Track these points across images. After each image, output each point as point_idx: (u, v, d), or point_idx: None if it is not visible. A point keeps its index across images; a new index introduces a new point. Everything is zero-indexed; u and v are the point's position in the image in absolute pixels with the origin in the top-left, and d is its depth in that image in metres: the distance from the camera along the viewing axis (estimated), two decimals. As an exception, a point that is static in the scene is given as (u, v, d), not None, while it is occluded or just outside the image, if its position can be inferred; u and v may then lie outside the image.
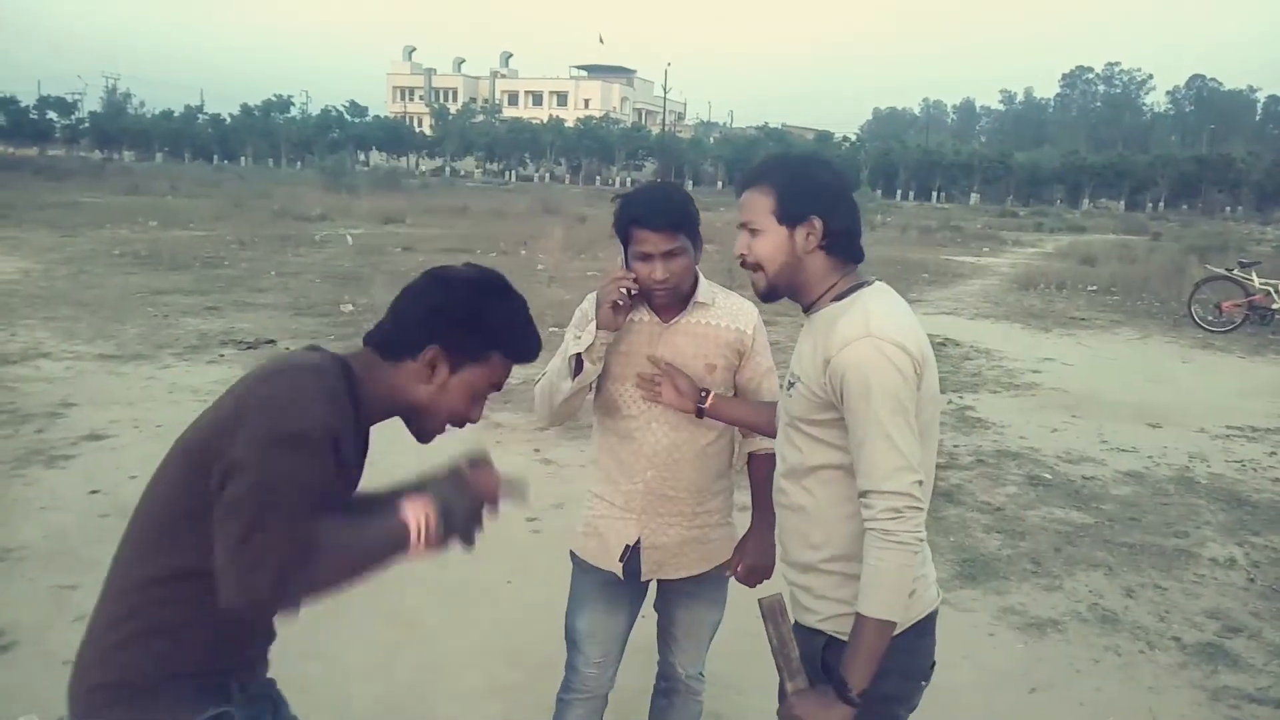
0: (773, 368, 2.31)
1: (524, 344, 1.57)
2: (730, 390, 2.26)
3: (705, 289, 2.24)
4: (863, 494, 1.63)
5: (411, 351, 1.48)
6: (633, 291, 2.12)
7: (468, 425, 1.59)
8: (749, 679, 3.27)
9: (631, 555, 2.26)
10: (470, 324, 1.50)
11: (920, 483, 1.61)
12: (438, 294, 1.51)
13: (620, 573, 2.27)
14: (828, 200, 1.74)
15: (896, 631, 1.64)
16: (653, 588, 2.39)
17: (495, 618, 3.71)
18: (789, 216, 1.73)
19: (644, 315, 2.22)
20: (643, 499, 2.23)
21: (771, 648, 1.78)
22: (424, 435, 1.57)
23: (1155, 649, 3.65)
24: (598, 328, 2.11)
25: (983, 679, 3.35)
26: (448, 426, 1.57)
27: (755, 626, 3.95)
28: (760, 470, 2.32)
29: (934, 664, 1.83)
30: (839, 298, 1.74)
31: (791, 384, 1.79)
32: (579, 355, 2.13)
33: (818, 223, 1.73)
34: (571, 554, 2.38)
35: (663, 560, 2.28)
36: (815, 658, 1.78)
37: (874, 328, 1.63)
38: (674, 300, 2.19)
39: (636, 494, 2.24)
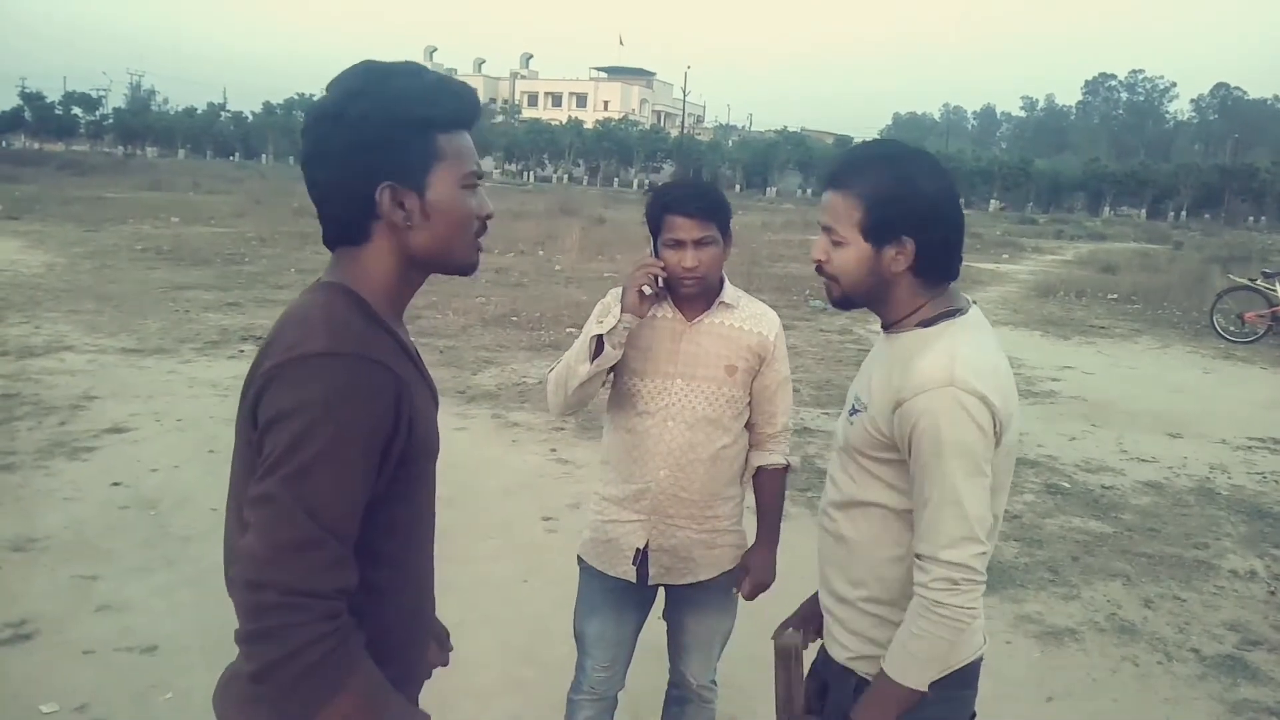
0: (789, 378, 2.30)
1: (452, 101, 1.25)
2: (747, 393, 2.25)
3: (730, 291, 2.25)
4: (919, 556, 1.49)
5: (369, 211, 1.22)
6: (661, 279, 2.11)
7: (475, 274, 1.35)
8: (763, 682, 3.26)
9: (640, 559, 2.25)
10: (388, 132, 1.20)
11: (984, 554, 1.47)
12: (337, 136, 1.21)
13: (634, 577, 2.26)
14: (923, 217, 1.51)
15: (935, 678, 1.53)
16: (661, 594, 2.38)
17: (511, 616, 3.72)
18: (877, 234, 1.52)
19: (668, 312, 2.21)
20: (654, 499, 2.21)
21: (776, 691, 1.67)
22: (465, 266, 1.32)
23: (1174, 660, 3.63)
24: (623, 311, 2.09)
25: (999, 688, 3.33)
26: (476, 236, 1.32)
27: (768, 631, 3.94)
28: (766, 486, 2.33)
29: (974, 715, 1.70)
30: (925, 323, 1.55)
31: (855, 410, 1.63)
32: (599, 339, 2.11)
33: (909, 245, 1.52)
34: (579, 559, 2.37)
35: (670, 565, 2.26)
36: (846, 700, 1.67)
37: (958, 375, 1.45)
38: (701, 293, 2.19)
39: (648, 493, 2.21)
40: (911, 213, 1.52)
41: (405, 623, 1.33)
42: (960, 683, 1.62)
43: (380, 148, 1.20)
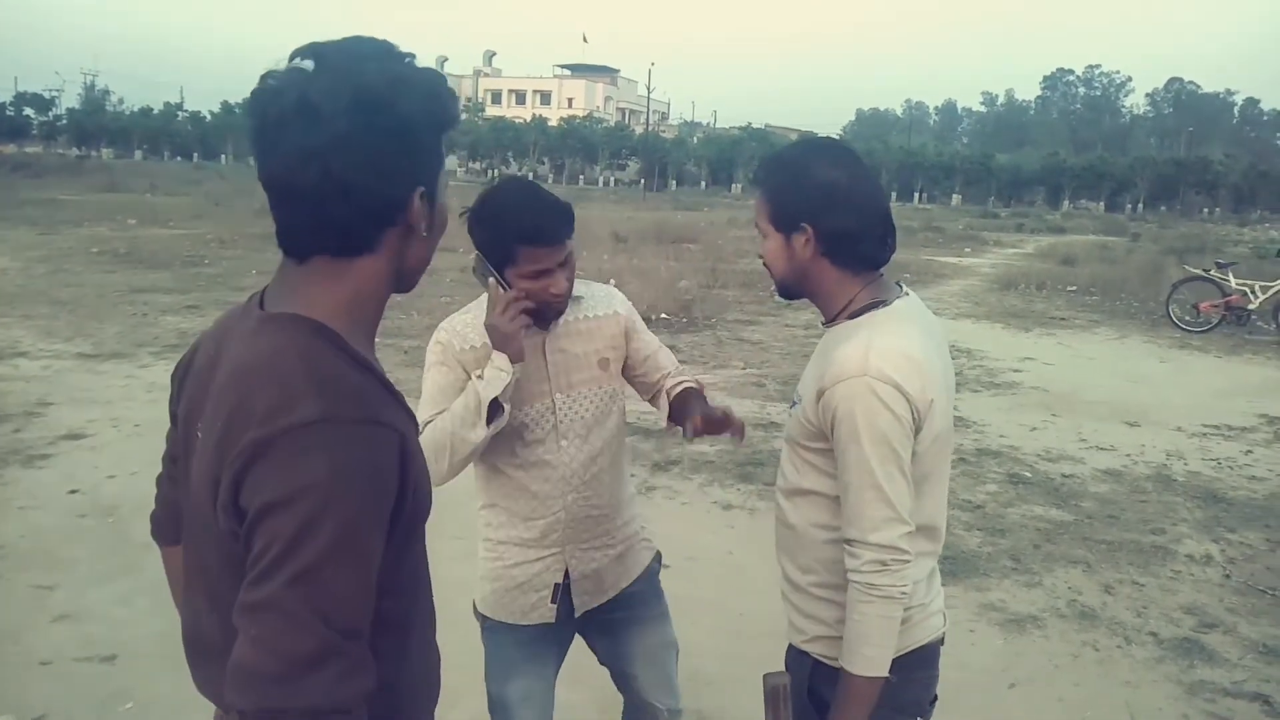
0: (659, 343, 2.16)
1: (457, 102, 1.13)
2: (623, 384, 2.11)
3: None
4: (848, 542, 1.55)
5: (392, 216, 1.06)
6: (529, 310, 1.86)
7: None
8: (731, 676, 3.28)
9: (558, 595, 2.03)
10: (431, 134, 1.08)
11: (910, 534, 1.52)
12: (382, 128, 1.01)
13: (554, 617, 2.03)
14: (819, 203, 1.59)
15: (891, 659, 1.56)
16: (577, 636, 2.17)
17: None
18: (783, 223, 1.63)
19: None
20: (564, 528, 2.00)
21: None
22: (413, 284, 1.18)
23: (1133, 644, 3.69)
24: (512, 361, 1.82)
25: (963, 675, 3.38)
26: None
27: (736, 625, 3.97)
28: (690, 398, 2.08)
29: (935, 699, 1.74)
30: (852, 315, 1.62)
31: (794, 403, 1.71)
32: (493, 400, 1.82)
33: (809, 230, 1.60)
34: (481, 617, 2.10)
35: (593, 589, 2.07)
36: (803, 682, 1.72)
37: (871, 364, 1.50)
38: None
39: (558, 524, 1.99)
40: (805, 200, 1.61)
41: (414, 684, 1.19)
42: (919, 664, 1.66)
43: (424, 148, 1.07)
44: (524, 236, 1.83)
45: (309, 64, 1.02)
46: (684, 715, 2.45)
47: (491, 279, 1.85)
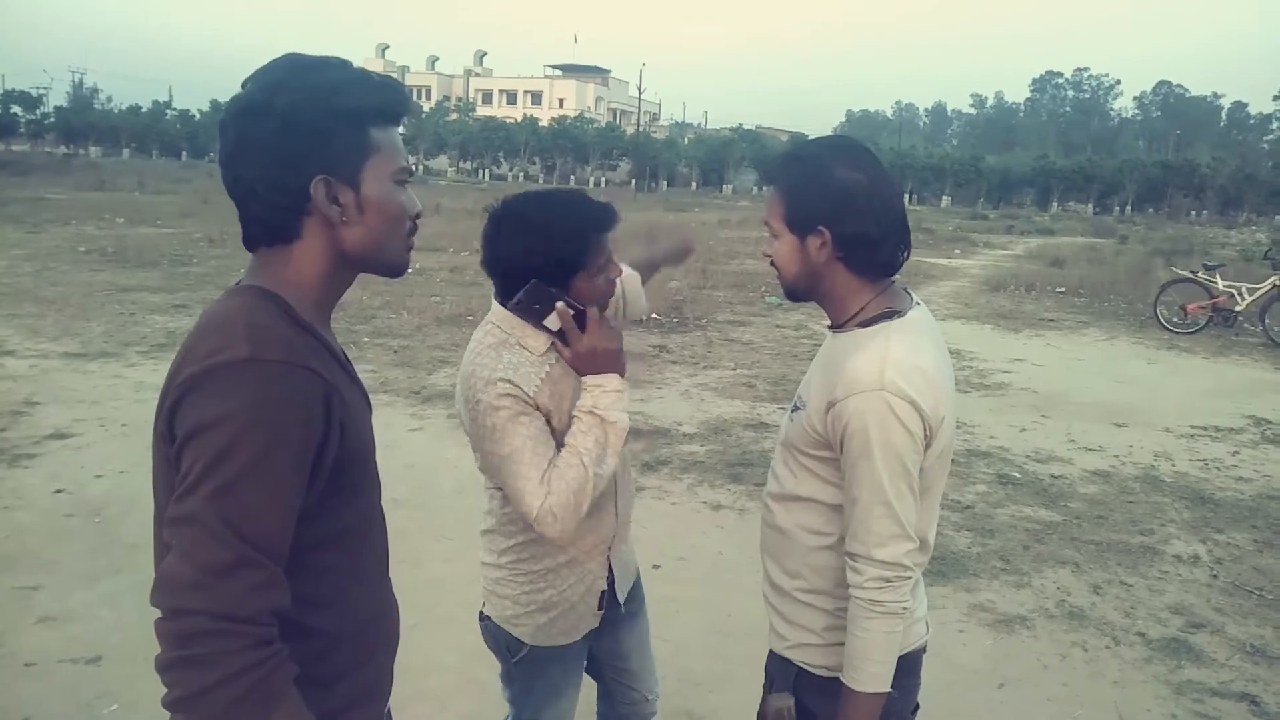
0: None
1: (381, 94, 1.21)
2: None
3: None
4: (852, 556, 1.52)
5: (300, 206, 1.17)
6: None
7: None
8: (720, 675, 3.28)
9: (603, 600, 2.01)
10: (321, 123, 1.16)
11: (914, 550, 1.51)
12: (264, 129, 1.14)
13: (598, 620, 2.02)
14: (837, 206, 1.52)
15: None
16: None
17: (467, 617, 3.67)
18: (798, 225, 1.56)
19: (555, 350, 1.83)
20: (613, 538, 1.98)
21: None
22: (396, 267, 1.27)
23: (1121, 644, 3.71)
24: (621, 375, 1.80)
25: (952, 676, 3.38)
26: (408, 236, 1.28)
27: (726, 625, 3.96)
28: None
29: (917, 707, 1.74)
30: (864, 324, 1.57)
31: (796, 408, 1.67)
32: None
33: (826, 234, 1.54)
34: (516, 650, 2.00)
35: (626, 579, 2.08)
36: (787, 689, 1.70)
37: (888, 378, 1.46)
38: None
39: (608, 536, 1.97)
40: (824, 203, 1.54)
41: (361, 634, 1.27)
42: (905, 672, 1.64)
43: (313, 139, 1.15)
44: (603, 221, 1.77)
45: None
46: (674, 715, 2.44)
47: (560, 303, 1.75)
